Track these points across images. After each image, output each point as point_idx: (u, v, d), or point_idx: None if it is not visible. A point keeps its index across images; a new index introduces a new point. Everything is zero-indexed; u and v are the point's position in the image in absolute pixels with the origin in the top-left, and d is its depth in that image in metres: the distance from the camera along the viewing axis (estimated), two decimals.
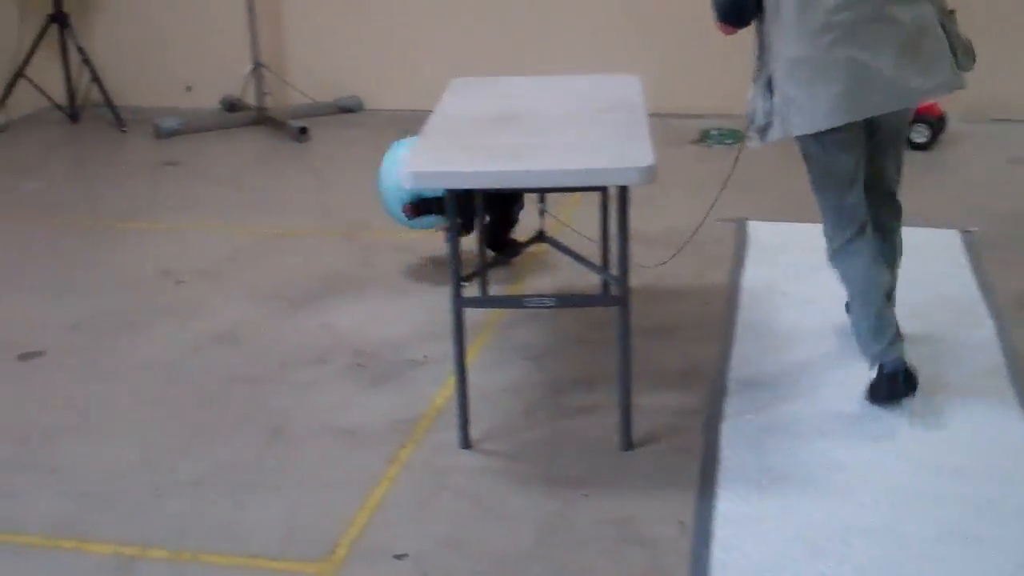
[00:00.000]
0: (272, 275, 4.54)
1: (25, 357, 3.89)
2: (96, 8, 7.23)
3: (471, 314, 3.74)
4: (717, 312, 4.05)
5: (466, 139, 3.25)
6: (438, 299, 3.98)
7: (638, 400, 3.34)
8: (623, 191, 3.00)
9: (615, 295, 3.12)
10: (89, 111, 7.04)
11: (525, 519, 2.91)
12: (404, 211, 4.09)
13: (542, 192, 3.54)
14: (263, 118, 6.76)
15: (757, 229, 4.82)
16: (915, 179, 5.50)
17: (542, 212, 3.57)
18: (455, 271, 3.09)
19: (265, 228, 5.09)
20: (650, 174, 2.91)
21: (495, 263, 4.05)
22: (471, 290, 3.21)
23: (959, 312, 3.99)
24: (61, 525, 2.94)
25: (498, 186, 3.02)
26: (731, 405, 3.43)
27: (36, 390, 3.68)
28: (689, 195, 5.28)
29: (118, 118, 6.77)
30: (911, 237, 4.58)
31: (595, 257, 3.86)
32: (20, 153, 6.47)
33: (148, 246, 4.92)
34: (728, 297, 4.17)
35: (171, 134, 6.56)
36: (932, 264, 4.40)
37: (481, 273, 3.40)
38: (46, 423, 3.45)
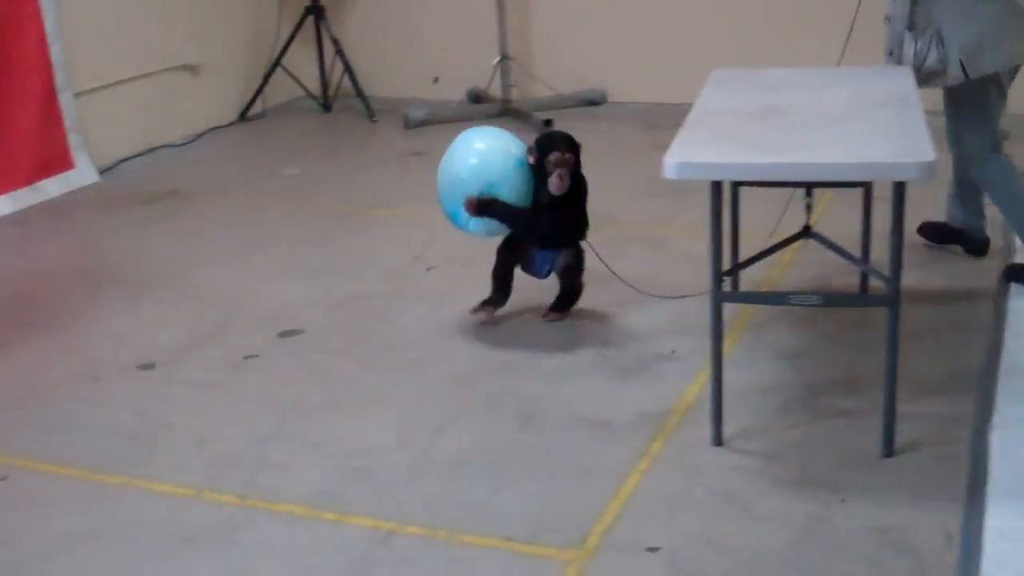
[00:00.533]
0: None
1: (285, 335, 4.04)
2: (350, 1, 7.48)
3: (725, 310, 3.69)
4: (984, 313, 3.85)
5: (730, 131, 3.19)
6: (688, 292, 3.95)
7: (900, 405, 3.21)
8: (899, 187, 2.88)
9: (884, 295, 3.00)
10: (341, 101, 7.29)
11: (781, 521, 2.84)
12: (466, 205, 3.85)
13: (810, 186, 3.43)
14: (508, 110, 6.84)
15: None
16: None
17: (808, 207, 3.46)
18: (716, 265, 3.03)
19: None
20: (932, 170, 2.78)
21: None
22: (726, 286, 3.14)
23: None
24: (322, 497, 3.04)
25: (766, 179, 2.95)
26: (1001, 413, 3.25)
27: (295, 367, 3.81)
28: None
29: (368, 108, 6.98)
30: None
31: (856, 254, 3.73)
32: (277, 140, 6.75)
33: (400, 232, 5.05)
34: (995, 298, 3.96)
35: (419, 124, 6.72)
36: None
37: (738, 270, 3.32)
38: (305, 399, 3.58)
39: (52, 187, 5.72)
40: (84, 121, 5.95)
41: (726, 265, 3.08)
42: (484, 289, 4.28)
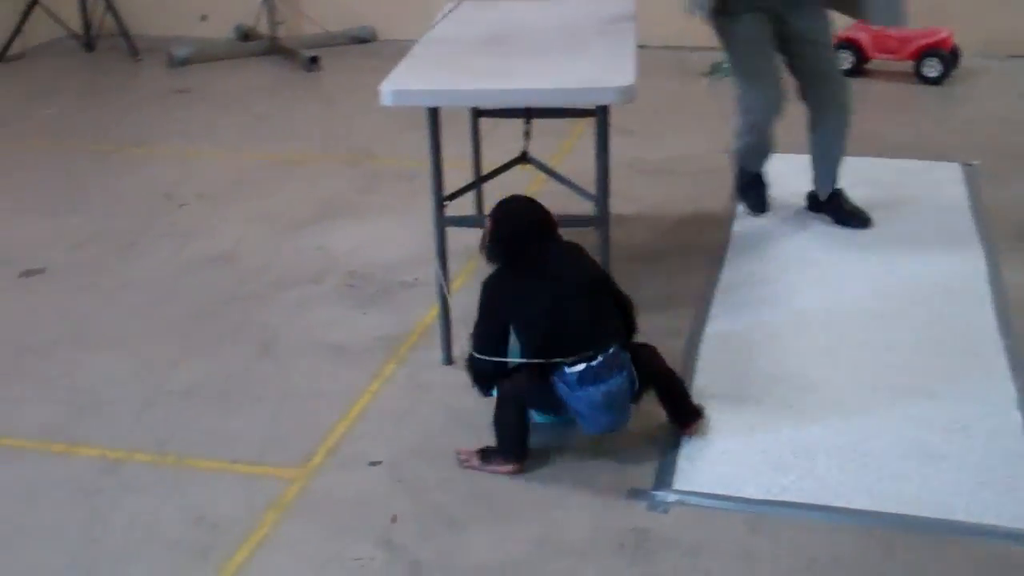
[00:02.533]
0: (274, 199, 4.61)
1: (27, 274, 3.99)
2: None
3: (465, 238, 3.82)
4: (710, 241, 4.08)
5: (452, 60, 3.29)
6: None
7: None
8: (603, 113, 3.03)
9: (593, 216, 3.16)
10: (104, 40, 7.11)
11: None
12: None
13: (529, 116, 3.57)
14: (275, 47, 6.80)
15: None
16: (924, 111, 5.54)
17: (527, 133, 3.60)
18: (437, 191, 3.14)
19: (271, 154, 5.15)
20: (629, 94, 2.94)
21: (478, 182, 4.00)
22: (455, 210, 3.25)
23: (951, 240, 4.01)
24: (52, 431, 3.04)
25: (477, 104, 3.06)
26: (712, 326, 3.47)
27: (35, 306, 3.77)
28: (694, 127, 5.33)
29: (132, 47, 6.84)
30: (913, 168, 4.61)
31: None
32: (35, 80, 6.55)
33: (154, 170, 5.00)
34: (722, 226, 4.20)
35: (184, 63, 6.62)
36: (930, 194, 4.43)
37: (463, 193, 3.42)
38: (42, 337, 3.55)
39: None
40: None
41: (448, 191, 3.18)
42: (235, 225, 4.32)
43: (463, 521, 2.63)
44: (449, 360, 3.31)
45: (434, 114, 3.07)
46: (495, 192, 3.82)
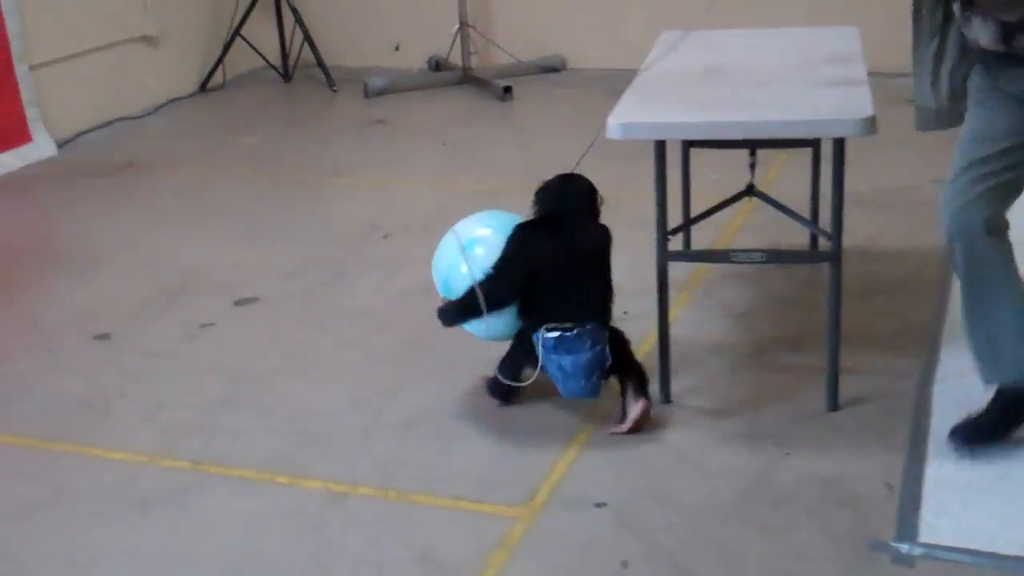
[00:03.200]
0: None
1: (241, 303, 4.06)
2: None
3: (674, 271, 3.72)
4: (932, 273, 3.90)
5: (677, 92, 3.22)
6: (641, 256, 3.96)
7: (846, 361, 3.26)
8: (839, 145, 2.92)
9: (827, 252, 3.04)
10: (302, 71, 7.27)
11: (727, 475, 2.88)
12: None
13: (754, 147, 3.47)
14: (468, 77, 6.85)
15: None
16: None
17: (752, 166, 3.49)
18: (661, 224, 3.07)
19: (469, 184, 5.17)
20: (870, 126, 2.82)
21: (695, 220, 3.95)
22: (675, 244, 3.17)
23: None
24: (275, 461, 3.06)
25: (707, 137, 2.98)
26: (944, 367, 3.31)
27: (251, 334, 3.83)
28: (900, 156, 5.13)
29: (328, 77, 6.97)
30: None
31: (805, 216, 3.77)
32: (236, 110, 6.74)
33: (357, 200, 5.06)
34: (940, 260, 4.01)
35: (379, 93, 6.72)
36: None
37: (686, 228, 3.35)
38: (259, 365, 3.60)
39: (10, 161, 5.70)
40: (42, 94, 5.92)
41: (673, 225, 3.11)
42: None
43: (696, 570, 2.54)
44: (668, 398, 3.22)
45: (661, 147, 2.99)
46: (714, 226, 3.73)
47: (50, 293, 4.24)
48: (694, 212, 3.80)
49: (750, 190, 3.56)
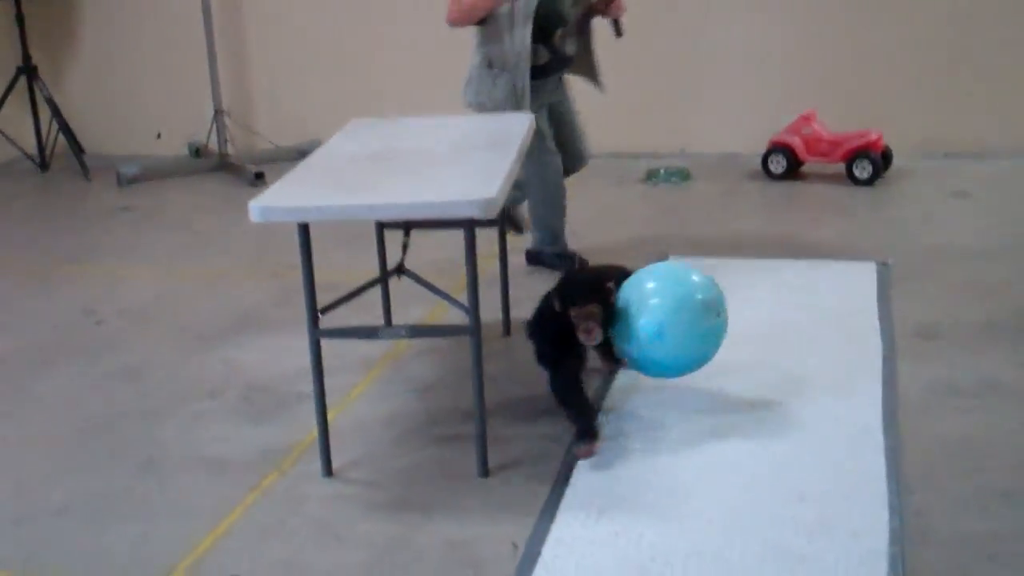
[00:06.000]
0: (191, 315, 4.66)
1: None
2: (65, 58, 7.46)
3: (371, 347, 3.86)
4: None
5: (329, 176, 3.36)
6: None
7: (511, 429, 3.47)
8: (469, 223, 3.08)
9: (466, 326, 3.19)
10: (60, 159, 7.25)
11: (365, 542, 2.98)
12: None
13: (408, 227, 3.65)
14: (224, 164, 6.92)
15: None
16: (851, 212, 5.60)
17: (405, 246, 3.66)
18: (311, 303, 3.18)
19: (200, 270, 5.22)
20: (490, 207, 2.99)
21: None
22: (333, 321, 3.30)
23: (848, 337, 4.03)
24: None
25: (343, 218, 3.10)
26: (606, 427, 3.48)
27: None
28: (628, 231, 5.40)
29: (84, 166, 6.96)
30: (826, 268, 4.65)
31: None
32: None
33: (81, 288, 5.06)
34: None
35: (132, 181, 6.74)
36: (838, 294, 4.46)
37: (332, 307, 3.44)
38: None
39: None
40: None
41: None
42: (147, 340, 4.36)
43: None
44: (328, 471, 3.31)
45: (304, 230, 3.12)
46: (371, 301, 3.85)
47: None
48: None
49: (399, 269, 3.71)
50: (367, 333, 3.31)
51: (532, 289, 4.55)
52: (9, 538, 3.09)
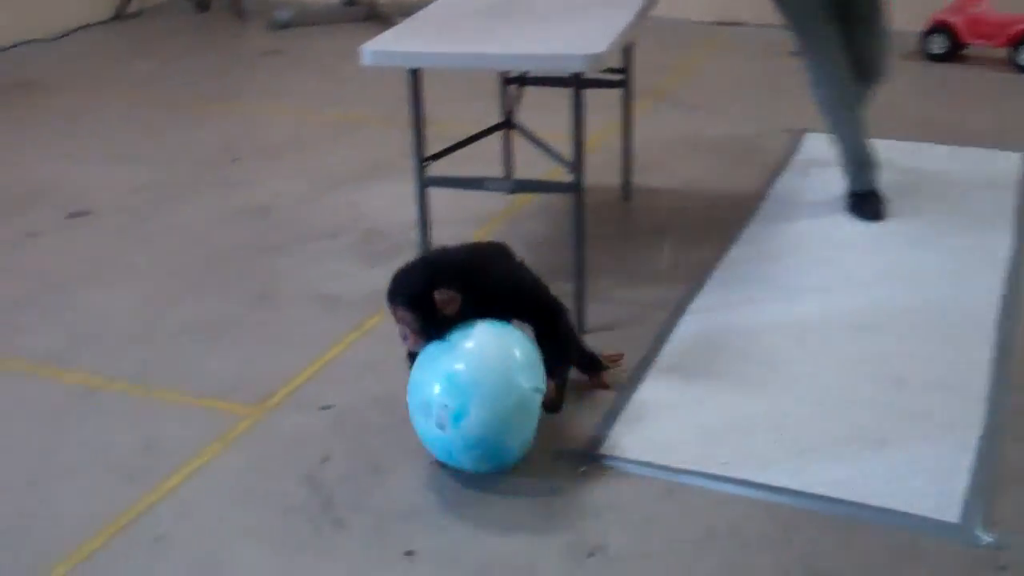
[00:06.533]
0: (325, 158, 4.78)
1: (74, 215, 4.24)
2: None
3: (489, 203, 3.86)
4: (734, 216, 4.05)
5: (444, 25, 3.37)
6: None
7: (616, 291, 3.48)
8: (576, 79, 3.06)
9: (569, 183, 3.19)
10: (219, 1, 7.40)
11: None
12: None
13: (521, 83, 3.63)
14: (374, 14, 6.97)
15: (814, 141, 4.73)
16: (1007, 100, 5.34)
17: (516, 99, 3.65)
18: (418, 151, 3.23)
19: (339, 116, 5.32)
20: (596, 62, 2.96)
21: None
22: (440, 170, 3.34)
23: (978, 227, 3.90)
24: (47, 356, 3.26)
25: (451, 66, 3.13)
26: (700, 302, 3.47)
27: (71, 244, 4.02)
28: (762, 106, 5.28)
29: (240, 9, 7.10)
30: (970, 156, 4.43)
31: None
32: (142, 38, 6.90)
33: (223, 126, 5.22)
34: (748, 204, 4.16)
35: (283, 26, 6.85)
36: (976, 181, 4.31)
37: (447, 154, 3.46)
38: (66, 272, 3.79)
39: None
40: None
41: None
42: (281, 180, 4.49)
43: (384, 464, 2.72)
44: None
45: (415, 75, 3.15)
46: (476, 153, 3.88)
47: None
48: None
49: (508, 123, 3.71)
50: (472, 184, 3.35)
51: (661, 160, 4.54)
52: (128, 352, 3.28)
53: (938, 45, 5.94)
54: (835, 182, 4.17)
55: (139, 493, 2.64)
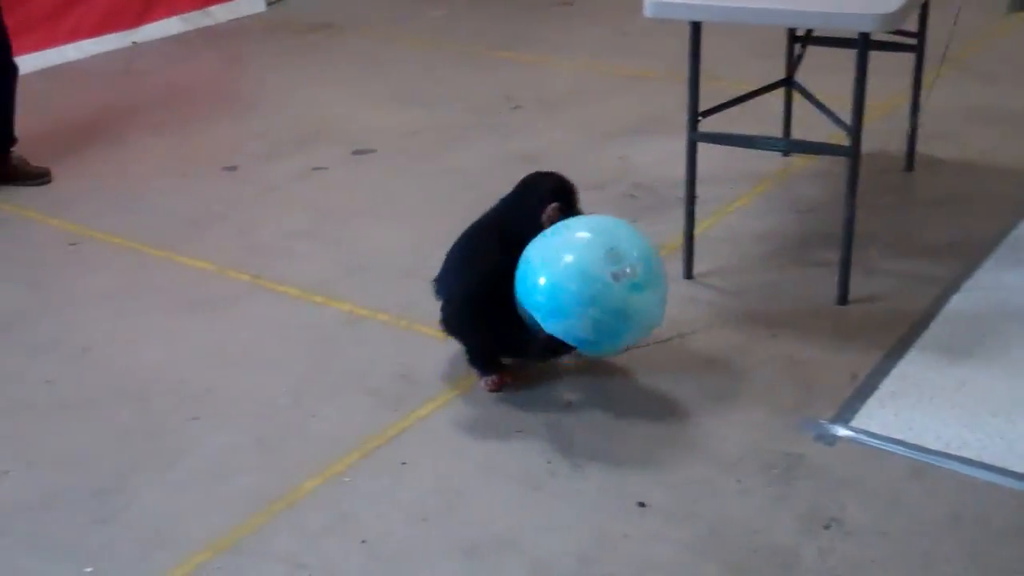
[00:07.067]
0: (601, 110, 4.81)
1: (358, 152, 4.44)
2: None
3: (764, 163, 3.79)
4: (1022, 195, 3.82)
5: None
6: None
7: (886, 263, 3.36)
8: (863, 39, 2.95)
9: (845, 146, 3.08)
10: None
11: (704, 348, 3.03)
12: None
13: (805, 43, 3.51)
14: None
15: None
16: None
17: (798, 58, 3.53)
18: (693, 105, 3.19)
19: (621, 69, 5.33)
20: (886, 22, 2.84)
21: None
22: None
23: None
24: (319, 285, 3.44)
25: (735, 21, 3.05)
26: (975, 281, 3.29)
27: (353, 179, 4.22)
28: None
29: None
30: None
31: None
32: None
33: (507, 74, 5.33)
34: None
35: None
36: None
37: (721, 109, 3.39)
38: (348, 206, 3.98)
39: (221, 13, 6.29)
40: None
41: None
42: (556, 130, 4.55)
43: (627, 418, 2.73)
44: (689, 275, 3.37)
45: (696, 28, 3.11)
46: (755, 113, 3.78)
47: (202, 129, 4.76)
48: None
49: (788, 81, 3.59)
50: (743, 141, 3.29)
51: (952, 131, 4.32)
52: (396, 287, 3.42)
53: None
54: None
55: (391, 419, 2.76)
